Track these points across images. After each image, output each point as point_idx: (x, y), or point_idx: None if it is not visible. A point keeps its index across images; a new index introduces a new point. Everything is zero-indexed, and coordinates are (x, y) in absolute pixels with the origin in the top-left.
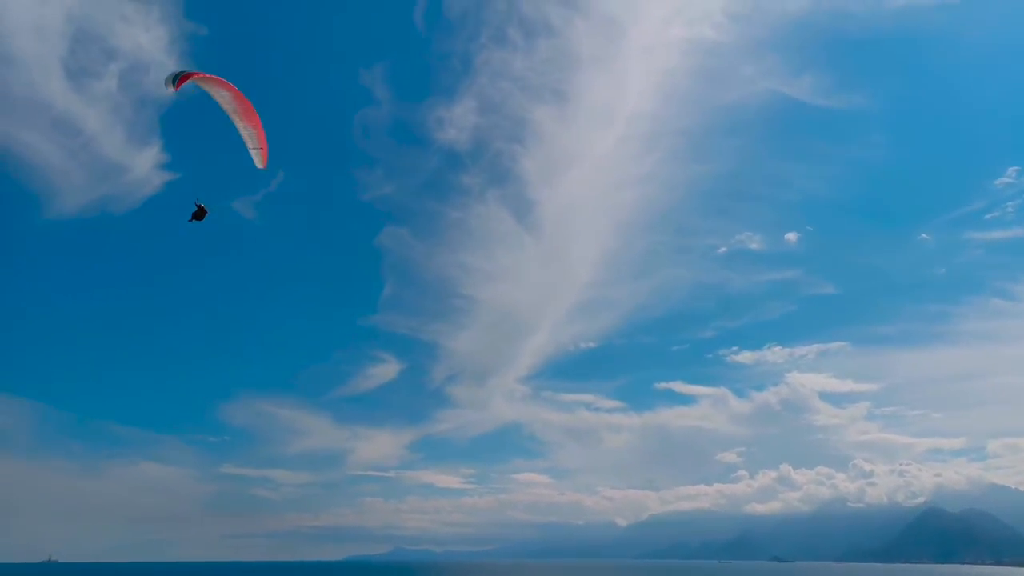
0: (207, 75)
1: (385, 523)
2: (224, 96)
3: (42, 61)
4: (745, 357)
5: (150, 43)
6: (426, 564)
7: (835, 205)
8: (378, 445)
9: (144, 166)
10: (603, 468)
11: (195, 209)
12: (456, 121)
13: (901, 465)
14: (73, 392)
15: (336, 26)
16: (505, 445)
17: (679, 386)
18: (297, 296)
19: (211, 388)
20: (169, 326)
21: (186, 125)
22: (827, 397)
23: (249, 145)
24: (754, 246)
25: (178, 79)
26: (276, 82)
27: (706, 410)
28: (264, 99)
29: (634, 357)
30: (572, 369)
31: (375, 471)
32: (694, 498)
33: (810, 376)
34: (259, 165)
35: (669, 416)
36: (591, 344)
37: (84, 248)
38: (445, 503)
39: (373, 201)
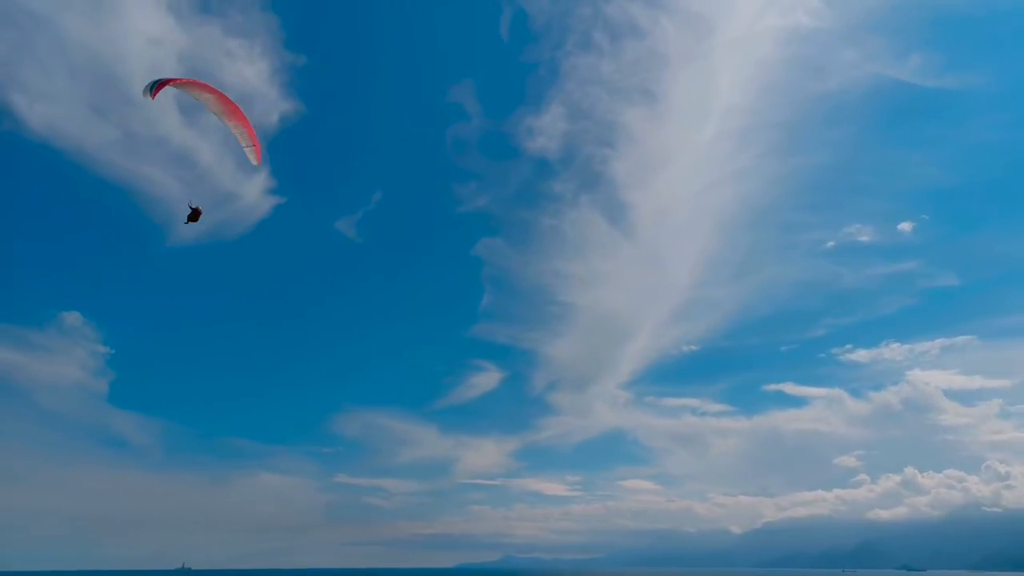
0: (187, 80)
1: (494, 531)
2: (209, 99)
3: (158, 100)
4: (860, 356)
5: (254, 75)
6: (537, 572)
7: (952, 191)
8: (483, 454)
9: (254, 192)
10: (713, 474)
11: (190, 211)
12: (545, 129)
13: None
14: (199, 410)
15: (426, 46)
16: (609, 452)
17: (790, 387)
18: (400, 310)
19: (323, 402)
20: (281, 344)
21: (290, 151)
22: (954, 395)
23: (242, 143)
24: (864, 239)
25: (155, 87)
26: (372, 104)
27: (820, 412)
28: (361, 121)
29: (740, 359)
30: (675, 373)
31: (482, 479)
32: (811, 504)
33: (934, 373)
34: (254, 162)
35: (781, 419)
36: (694, 347)
37: (202, 273)
38: (553, 511)
39: (468, 213)
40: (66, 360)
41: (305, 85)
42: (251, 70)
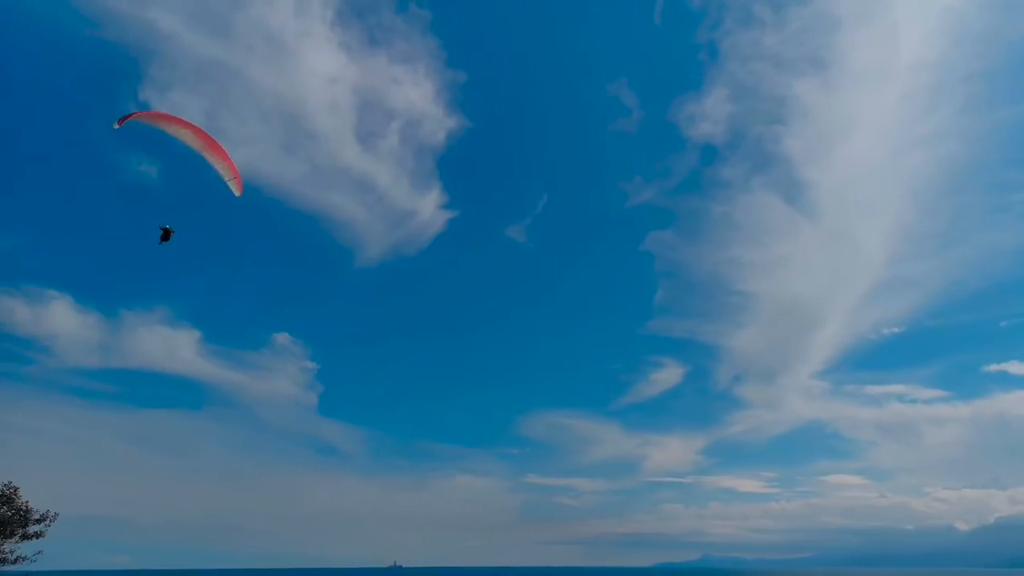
0: (159, 114)
1: (690, 529)
2: (186, 134)
3: (338, 133)
4: None
5: (420, 98)
6: (738, 572)
7: None
8: (671, 451)
9: (428, 209)
10: (929, 466)
11: (160, 232)
12: (709, 113)
13: None
14: (396, 417)
15: (579, 45)
16: (807, 445)
17: (1016, 367)
18: (575, 310)
19: (509, 404)
20: (466, 351)
21: (458, 165)
22: None
23: (225, 178)
24: None
25: (122, 118)
26: (532, 110)
27: None
28: (523, 128)
29: (951, 339)
30: (876, 358)
31: (671, 477)
32: None
33: None
34: (237, 194)
35: (1008, 402)
36: (896, 329)
37: (389, 289)
38: (750, 508)
39: (635, 208)
40: (281, 377)
41: (467, 100)
42: (417, 93)
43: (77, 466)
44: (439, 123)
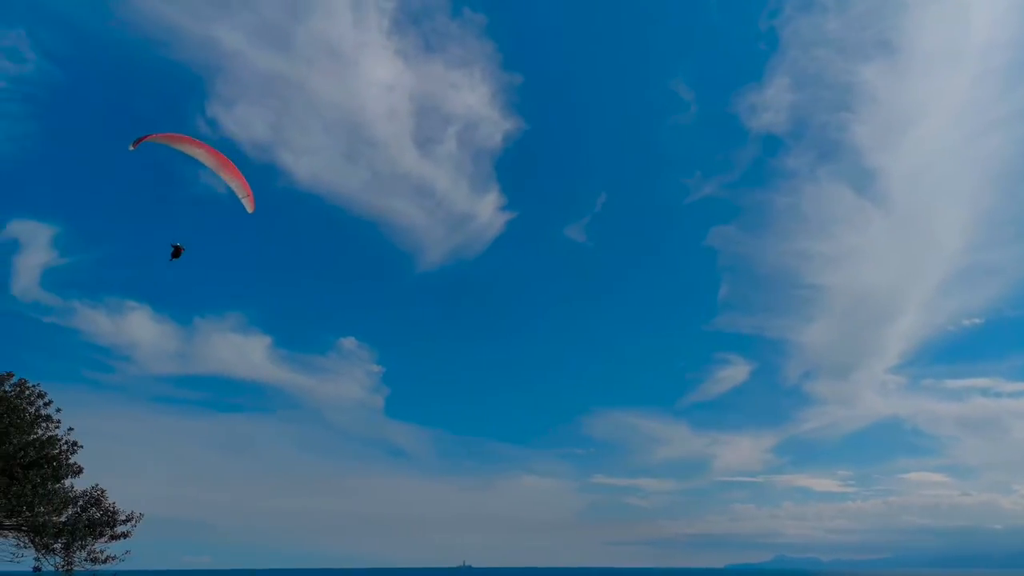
0: (173, 135)
1: (762, 530)
2: (200, 153)
3: (397, 139)
4: None
5: (476, 101)
6: (814, 574)
7: None
8: (740, 450)
9: (487, 211)
10: (1017, 462)
11: (171, 250)
12: (770, 103)
13: None
14: (461, 418)
15: (634, 41)
16: (885, 442)
17: None
18: (636, 309)
19: (573, 404)
20: (528, 352)
21: (516, 167)
22: None
23: (239, 195)
24: None
25: (137, 140)
26: (588, 108)
27: None
28: (579, 127)
29: None
30: (956, 351)
31: (742, 476)
32: None
33: None
34: (249, 210)
35: None
36: (976, 320)
37: (450, 292)
38: (826, 508)
39: (696, 203)
40: (347, 380)
41: (523, 102)
42: (473, 97)
43: (158, 469)
44: (496, 126)
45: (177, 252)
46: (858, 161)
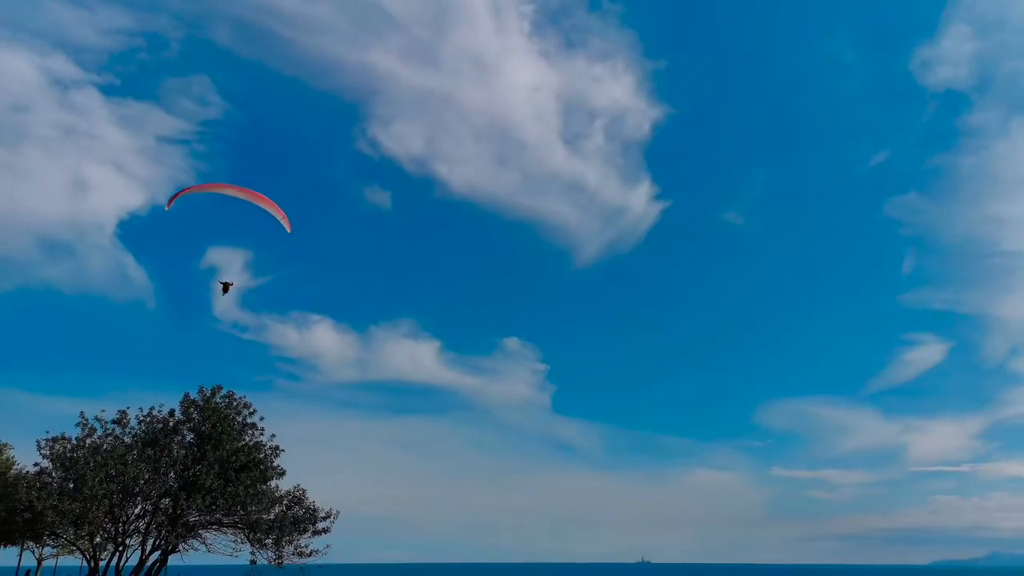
0: (206, 184)
1: (971, 523)
2: (230, 192)
3: (545, 139)
4: None
5: (620, 92)
6: None
7: None
8: (938, 437)
9: (639, 203)
10: None
11: (222, 285)
12: (947, 56)
13: None
14: (630, 412)
15: (787, 6)
16: None
17: None
18: (809, 290)
19: (747, 394)
20: (695, 342)
21: (667, 155)
22: None
23: (277, 218)
24: None
25: (170, 199)
26: (738, 85)
27: None
28: (730, 105)
29: None
30: None
31: (943, 466)
32: None
33: None
34: (288, 230)
35: None
36: None
37: (608, 287)
38: None
39: (868, 172)
40: (513, 380)
41: (669, 87)
42: (618, 88)
43: (348, 470)
44: (643, 115)
45: (226, 288)
46: None
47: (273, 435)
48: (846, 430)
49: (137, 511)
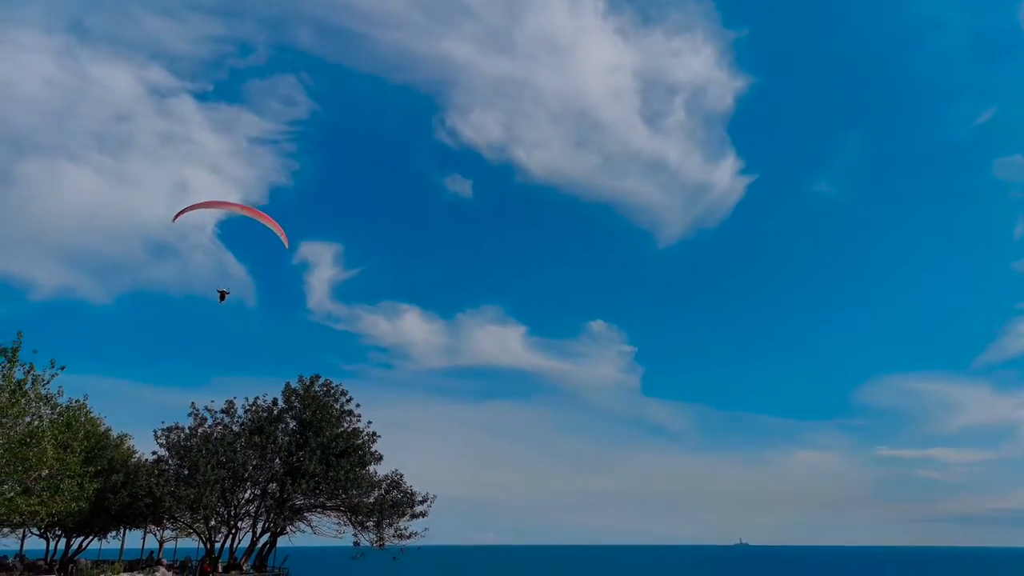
0: (210, 202)
1: None
2: (232, 209)
3: (625, 118)
4: None
5: (700, 64)
6: None
7: None
8: None
9: (724, 178)
10: None
11: (219, 293)
12: None
13: None
14: (723, 392)
15: None
16: None
17: None
18: (911, 260)
19: (847, 372)
20: (790, 319)
21: (752, 127)
22: None
23: (276, 232)
24: None
25: (176, 215)
26: (826, 49)
27: None
28: (816, 70)
29: None
30: None
31: None
32: None
33: None
34: (287, 246)
35: None
36: None
37: (695, 265)
38: None
39: (972, 132)
40: (601, 362)
41: (752, 56)
42: (698, 62)
43: (441, 455)
44: (724, 87)
45: (223, 296)
46: None
47: (370, 422)
48: (955, 407)
49: (247, 495)
